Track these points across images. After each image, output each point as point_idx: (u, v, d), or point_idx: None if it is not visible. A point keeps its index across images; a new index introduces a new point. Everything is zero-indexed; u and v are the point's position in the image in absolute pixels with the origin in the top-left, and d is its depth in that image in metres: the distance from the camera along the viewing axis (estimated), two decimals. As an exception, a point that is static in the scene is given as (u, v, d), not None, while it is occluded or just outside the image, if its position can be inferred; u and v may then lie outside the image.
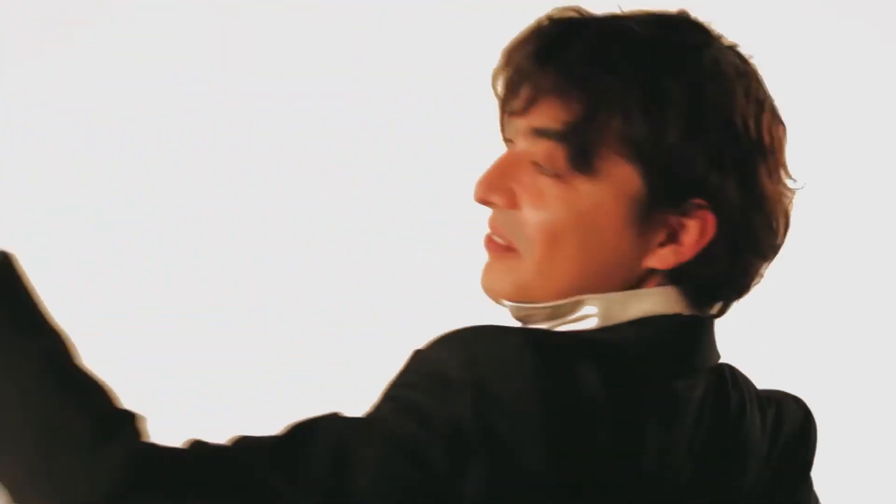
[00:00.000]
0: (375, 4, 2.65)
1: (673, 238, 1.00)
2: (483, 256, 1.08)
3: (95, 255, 2.62)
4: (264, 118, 2.62)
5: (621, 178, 0.98)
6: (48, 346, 0.83)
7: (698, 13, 1.06)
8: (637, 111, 0.96)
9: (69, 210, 2.60)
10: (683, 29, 1.03)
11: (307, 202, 2.64)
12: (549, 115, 0.99)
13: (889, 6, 2.59)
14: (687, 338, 1.03)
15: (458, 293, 2.69)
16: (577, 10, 1.04)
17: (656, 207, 0.99)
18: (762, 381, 1.21)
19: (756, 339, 2.24)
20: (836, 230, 2.48)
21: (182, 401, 2.37)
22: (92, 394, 0.82)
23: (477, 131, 2.65)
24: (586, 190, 0.98)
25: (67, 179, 2.56)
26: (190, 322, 2.49)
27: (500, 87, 1.04)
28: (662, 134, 0.97)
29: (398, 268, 2.63)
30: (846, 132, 2.59)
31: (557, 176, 0.99)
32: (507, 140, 1.06)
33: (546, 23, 1.03)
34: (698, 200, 0.99)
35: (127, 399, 0.85)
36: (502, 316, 1.05)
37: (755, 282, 1.07)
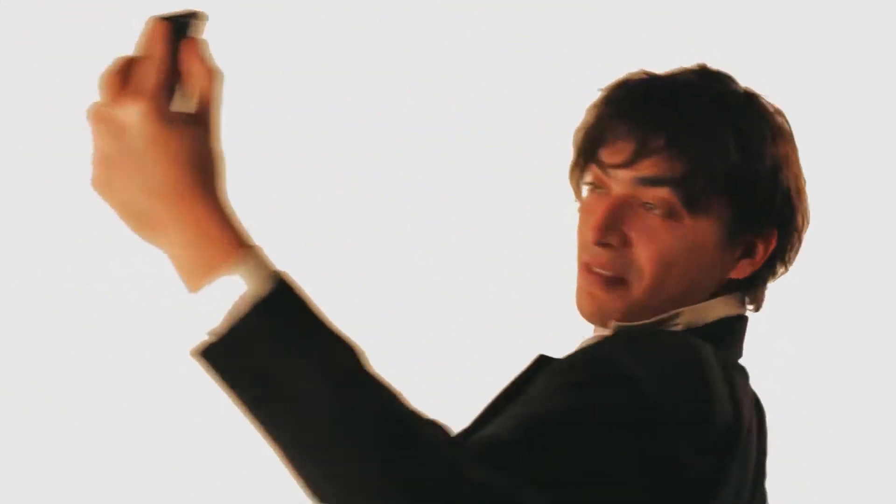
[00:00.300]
0: (375, 4, 2.65)
1: (747, 253, 1.20)
2: (478, 260, 1.09)
3: (95, 256, 2.62)
4: (264, 118, 2.62)
5: (721, 210, 1.16)
6: (364, 377, 0.83)
7: (701, 14, 1.09)
8: (735, 155, 1.15)
9: (69, 210, 2.60)
10: (727, 80, 1.21)
11: (307, 202, 2.64)
12: (659, 166, 1.14)
13: (889, 6, 2.59)
14: (743, 332, 1.23)
15: (458, 293, 2.70)
16: (645, 72, 1.21)
17: (742, 232, 1.18)
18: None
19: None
20: (835, 230, 2.48)
21: (182, 400, 2.37)
22: (404, 400, 0.84)
23: (476, 131, 2.66)
24: (692, 224, 1.16)
25: (67, 180, 2.55)
26: (189, 322, 2.49)
27: (586, 142, 1.20)
28: (753, 171, 1.16)
29: (398, 268, 2.63)
30: (846, 132, 2.59)
31: (669, 215, 1.15)
32: (589, 184, 1.20)
33: (625, 85, 1.20)
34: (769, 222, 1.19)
35: (127, 399, 0.84)
36: (500, 316, 1.05)
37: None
